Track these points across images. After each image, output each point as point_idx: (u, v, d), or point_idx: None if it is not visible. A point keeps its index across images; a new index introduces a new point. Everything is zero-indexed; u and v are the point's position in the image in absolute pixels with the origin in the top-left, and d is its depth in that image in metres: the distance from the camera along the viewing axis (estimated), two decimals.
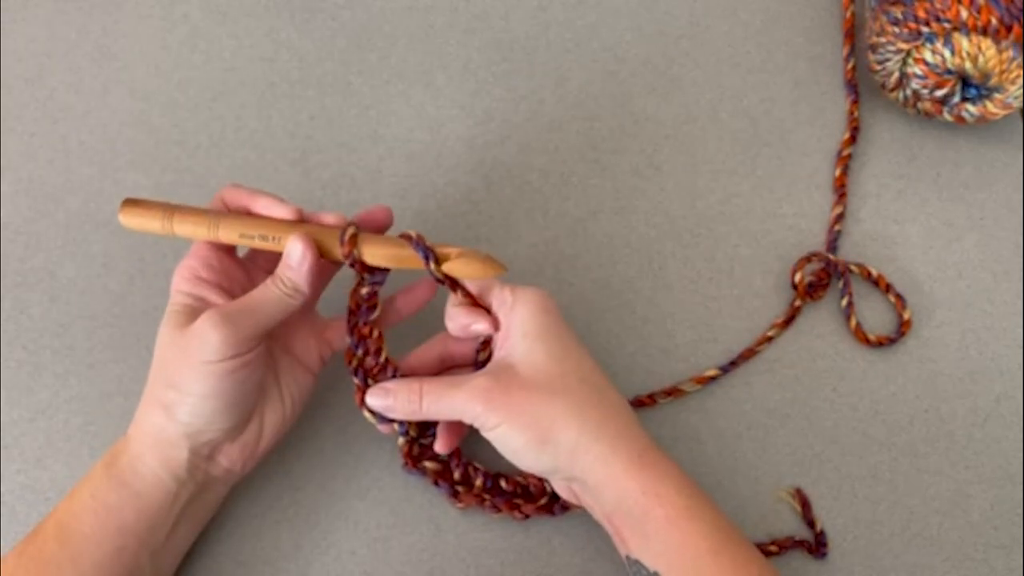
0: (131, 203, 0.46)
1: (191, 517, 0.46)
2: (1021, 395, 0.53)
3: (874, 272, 0.55)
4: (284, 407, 0.47)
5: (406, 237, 0.44)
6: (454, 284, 0.45)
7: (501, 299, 0.45)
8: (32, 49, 0.62)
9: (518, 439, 0.43)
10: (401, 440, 0.48)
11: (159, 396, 0.44)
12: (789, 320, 0.54)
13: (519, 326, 0.44)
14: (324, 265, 0.46)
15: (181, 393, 0.43)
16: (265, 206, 0.45)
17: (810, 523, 0.50)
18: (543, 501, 0.48)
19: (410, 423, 0.48)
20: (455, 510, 0.50)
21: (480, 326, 0.45)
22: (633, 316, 0.55)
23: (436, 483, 0.49)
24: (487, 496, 0.49)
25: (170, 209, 0.45)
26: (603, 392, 0.44)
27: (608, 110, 0.60)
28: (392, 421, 0.47)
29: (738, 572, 0.41)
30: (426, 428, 0.49)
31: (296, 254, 0.44)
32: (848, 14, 0.62)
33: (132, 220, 0.46)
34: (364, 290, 0.46)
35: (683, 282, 0.56)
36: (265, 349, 0.45)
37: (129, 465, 0.44)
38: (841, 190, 0.57)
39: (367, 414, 0.47)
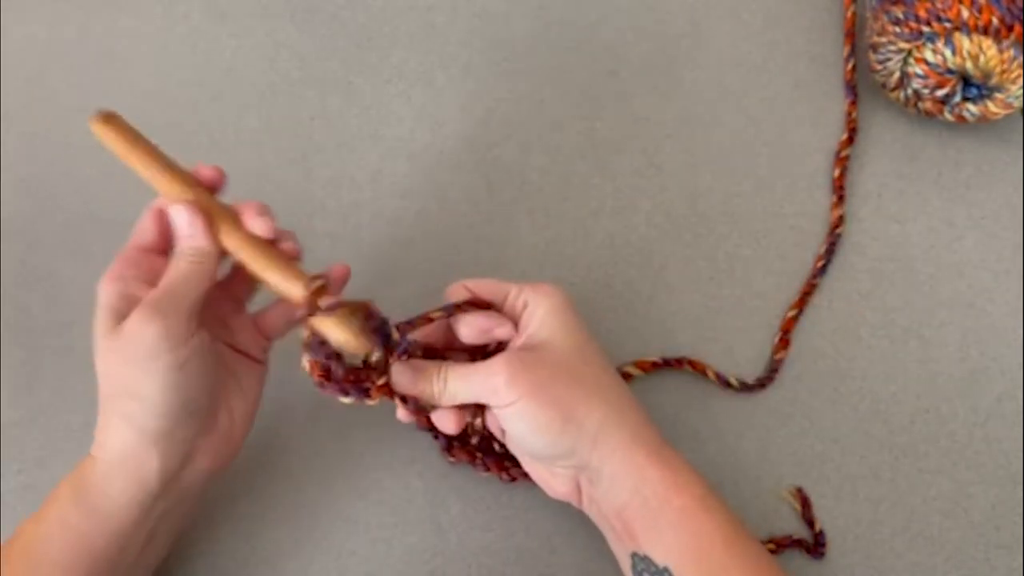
0: (112, 120, 0.44)
1: (169, 525, 0.45)
2: (1021, 395, 0.53)
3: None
4: (246, 397, 0.46)
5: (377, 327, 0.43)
6: (462, 308, 0.45)
7: (516, 296, 0.45)
8: (32, 49, 0.62)
9: (541, 415, 0.42)
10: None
11: (117, 409, 0.42)
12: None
13: (539, 317, 0.44)
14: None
15: (140, 399, 0.41)
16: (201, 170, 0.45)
17: (809, 523, 0.49)
18: None
19: None
20: (456, 510, 0.50)
21: (503, 330, 0.45)
22: (633, 316, 0.55)
23: (435, 435, 0.50)
24: (479, 454, 0.49)
25: (143, 146, 0.44)
26: (621, 384, 0.45)
27: (608, 110, 0.60)
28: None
29: (748, 565, 0.41)
30: None
31: (182, 221, 0.43)
32: (849, 14, 0.62)
33: (108, 138, 0.44)
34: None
35: (683, 282, 0.56)
36: (208, 341, 0.43)
37: (97, 487, 0.42)
38: (841, 191, 0.57)
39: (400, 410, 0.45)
